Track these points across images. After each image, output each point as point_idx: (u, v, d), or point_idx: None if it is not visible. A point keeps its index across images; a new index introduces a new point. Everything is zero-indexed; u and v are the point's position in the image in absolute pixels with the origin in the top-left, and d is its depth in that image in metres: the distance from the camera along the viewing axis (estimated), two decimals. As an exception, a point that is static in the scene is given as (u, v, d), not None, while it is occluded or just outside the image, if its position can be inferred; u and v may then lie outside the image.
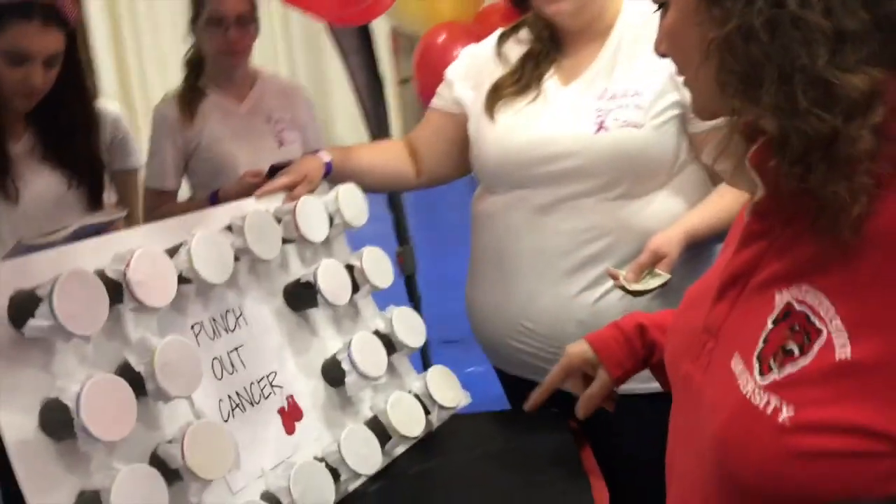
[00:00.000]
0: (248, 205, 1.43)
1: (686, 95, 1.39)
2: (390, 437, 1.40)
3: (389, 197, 2.59)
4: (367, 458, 1.33)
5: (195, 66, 2.18)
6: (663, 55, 0.82)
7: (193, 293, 1.26)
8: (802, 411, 0.63)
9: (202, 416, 1.18)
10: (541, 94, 1.51)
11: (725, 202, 1.39)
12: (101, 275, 1.07)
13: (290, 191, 1.50)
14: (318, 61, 8.10)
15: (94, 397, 0.99)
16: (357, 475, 1.31)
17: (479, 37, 1.76)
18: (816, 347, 0.64)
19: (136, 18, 6.23)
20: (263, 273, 1.41)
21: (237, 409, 1.28)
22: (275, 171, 1.64)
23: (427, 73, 2.57)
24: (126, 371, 1.08)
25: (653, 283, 1.30)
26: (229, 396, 1.28)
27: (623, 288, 1.31)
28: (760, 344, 0.68)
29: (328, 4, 1.69)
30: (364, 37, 2.36)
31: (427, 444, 1.47)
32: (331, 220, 1.50)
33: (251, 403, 1.31)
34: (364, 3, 1.59)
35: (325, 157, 1.59)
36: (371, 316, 1.57)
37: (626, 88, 1.44)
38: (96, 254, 1.12)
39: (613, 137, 1.41)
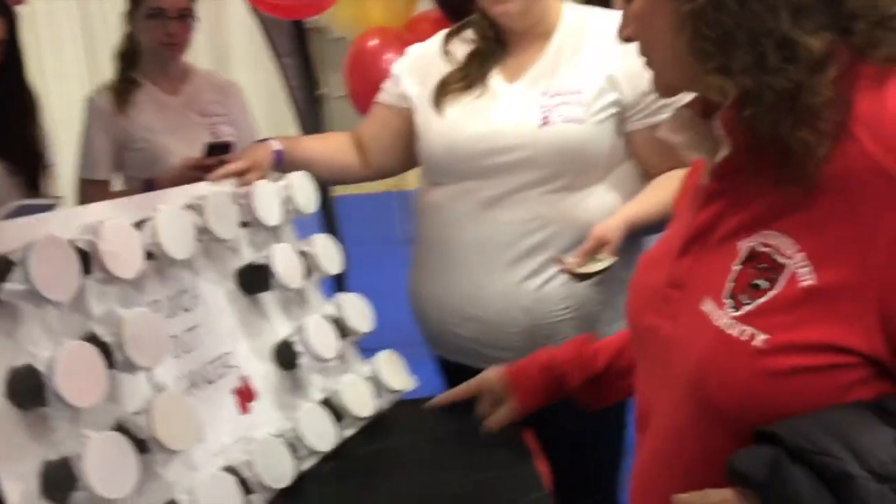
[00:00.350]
0: (204, 186, 1.44)
1: (624, 94, 1.51)
2: (342, 418, 1.43)
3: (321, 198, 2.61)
4: (322, 436, 1.36)
5: (128, 57, 2.16)
6: (628, 39, 0.89)
7: (152, 271, 1.26)
8: (776, 335, 0.71)
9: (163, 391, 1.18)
10: (487, 90, 1.58)
11: (660, 194, 1.49)
12: (71, 244, 1.07)
13: (241, 176, 1.52)
14: (225, 72, 8.01)
15: (67, 363, 0.99)
16: (313, 452, 1.34)
17: (410, 43, 1.82)
18: (783, 279, 0.72)
19: (36, 26, 6.07)
20: (217, 255, 1.42)
21: (194, 388, 1.29)
22: (212, 149, 1.66)
23: (358, 76, 2.61)
24: (93, 342, 1.08)
25: (597, 266, 1.38)
26: (186, 375, 1.28)
27: (570, 272, 1.39)
28: (729, 284, 0.77)
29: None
30: (299, 39, 2.39)
31: (376, 427, 1.50)
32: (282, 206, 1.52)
33: (207, 382, 1.31)
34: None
35: (275, 145, 1.61)
36: (318, 303, 1.60)
37: (569, 87, 1.52)
38: (63, 224, 1.12)
39: (558, 131, 1.49)
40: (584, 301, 1.51)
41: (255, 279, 1.44)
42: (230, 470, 1.21)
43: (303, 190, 1.55)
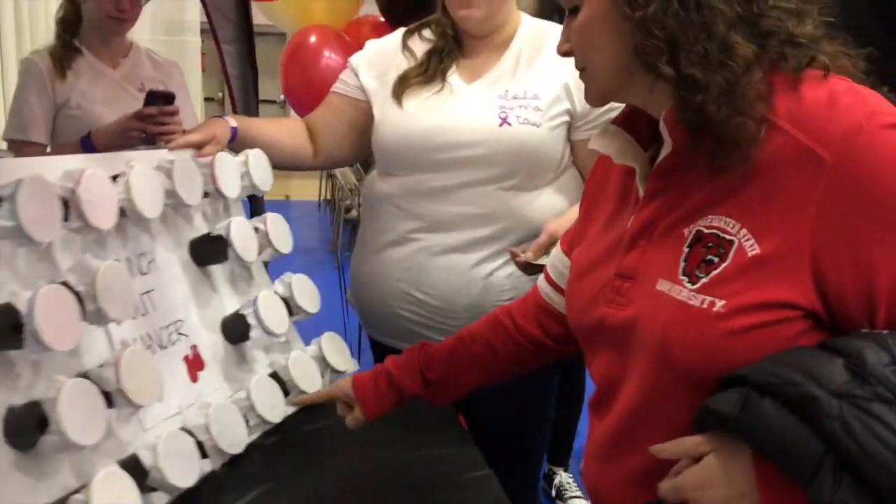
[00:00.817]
0: (167, 152, 1.43)
1: (576, 104, 1.59)
2: (288, 393, 1.44)
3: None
4: (273, 407, 1.37)
5: (69, 25, 2.11)
6: (566, 54, 0.98)
7: (115, 230, 1.25)
8: (732, 300, 0.81)
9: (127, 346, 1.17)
10: (446, 86, 1.63)
11: None
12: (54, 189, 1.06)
13: (199, 149, 1.52)
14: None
15: (46, 305, 0.97)
16: (263, 422, 1.34)
17: (348, 43, 1.85)
18: (731, 253, 0.83)
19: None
20: (172, 223, 1.41)
21: (148, 351, 1.28)
22: (154, 97, 1.65)
23: (294, 70, 2.62)
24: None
25: (548, 260, 1.45)
26: (141, 337, 1.27)
27: (526, 263, 1.45)
28: (682, 264, 0.86)
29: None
30: (243, 28, 2.39)
31: (317, 407, 1.51)
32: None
33: (160, 347, 1.31)
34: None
35: (232, 122, 1.61)
36: (264, 281, 1.60)
37: (526, 91, 1.60)
38: (44, 169, 1.09)
39: (516, 132, 1.56)
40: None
41: (210, 250, 1.44)
42: (187, 432, 1.20)
43: (259, 167, 1.56)
